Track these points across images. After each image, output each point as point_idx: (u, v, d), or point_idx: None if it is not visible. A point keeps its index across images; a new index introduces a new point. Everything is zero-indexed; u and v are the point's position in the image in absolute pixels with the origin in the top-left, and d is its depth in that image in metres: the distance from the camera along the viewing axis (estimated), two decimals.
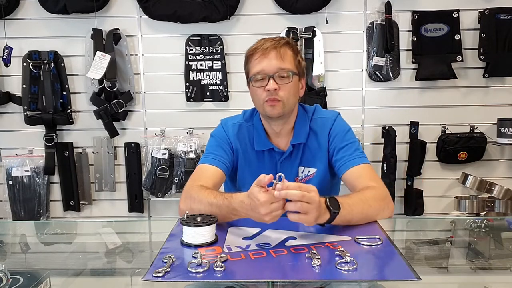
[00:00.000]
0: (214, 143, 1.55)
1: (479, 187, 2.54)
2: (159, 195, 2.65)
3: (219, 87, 2.66)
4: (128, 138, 2.73)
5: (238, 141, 1.55)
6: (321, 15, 2.58)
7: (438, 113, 2.67)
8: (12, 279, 0.99)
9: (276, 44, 1.41)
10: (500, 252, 1.35)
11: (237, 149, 1.55)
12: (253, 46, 1.46)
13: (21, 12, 2.65)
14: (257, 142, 1.53)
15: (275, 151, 1.52)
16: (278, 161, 1.52)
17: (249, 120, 1.57)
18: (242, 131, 1.56)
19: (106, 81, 2.59)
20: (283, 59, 1.41)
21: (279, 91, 1.40)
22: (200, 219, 1.16)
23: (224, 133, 1.56)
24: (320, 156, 1.52)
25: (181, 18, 2.57)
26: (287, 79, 1.41)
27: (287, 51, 1.43)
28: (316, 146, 1.52)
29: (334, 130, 1.52)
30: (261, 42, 1.44)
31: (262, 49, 1.41)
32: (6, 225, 2.08)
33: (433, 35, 2.60)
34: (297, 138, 1.51)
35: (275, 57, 1.40)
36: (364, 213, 1.27)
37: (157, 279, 0.95)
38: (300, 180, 1.52)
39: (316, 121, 1.54)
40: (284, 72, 1.40)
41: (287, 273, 0.99)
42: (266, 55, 1.40)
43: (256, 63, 1.42)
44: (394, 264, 1.03)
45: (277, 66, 1.40)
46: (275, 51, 1.40)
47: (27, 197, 2.67)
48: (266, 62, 1.40)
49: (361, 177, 1.42)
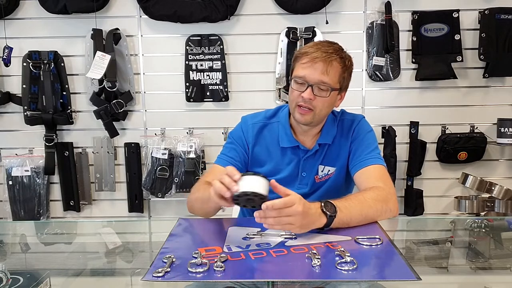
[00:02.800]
0: (230, 144, 1.59)
1: (479, 187, 2.54)
2: (159, 195, 2.65)
3: (219, 87, 2.66)
4: (128, 138, 2.73)
5: (258, 140, 1.56)
6: (321, 15, 2.58)
7: (438, 113, 2.67)
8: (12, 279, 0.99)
9: (326, 57, 1.39)
10: (500, 252, 1.35)
11: (256, 148, 1.56)
12: (305, 48, 1.45)
13: (21, 12, 2.65)
14: (282, 138, 1.54)
15: (300, 148, 1.53)
16: (302, 158, 1.53)
17: (274, 116, 1.59)
18: (264, 130, 1.57)
19: (106, 81, 2.59)
20: (328, 73, 1.40)
21: (314, 101, 1.41)
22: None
23: (242, 133, 1.58)
24: (341, 156, 1.53)
25: (181, 18, 2.57)
26: (325, 93, 1.41)
27: (336, 66, 1.41)
28: (339, 146, 1.54)
29: (357, 129, 1.54)
30: (314, 48, 1.42)
31: (311, 56, 1.39)
32: (6, 225, 2.08)
33: (433, 35, 2.60)
34: (325, 139, 1.52)
35: (320, 69, 1.39)
36: (364, 215, 1.27)
37: (157, 279, 0.95)
38: (320, 178, 1.54)
39: (341, 122, 1.56)
40: (324, 86, 1.40)
41: (287, 273, 0.99)
42: (312, 64, 1.39)
43: (301, 67, 1.42)
44: (394, 264, 1.03)
45: (319, 78, 1.39)
46: (323, 63, 1.39)
47: (27, 197, 2.67)
48: (310, 71, 1.39)
49: (369, 178, 1.43)
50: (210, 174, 1.54)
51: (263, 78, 2.66)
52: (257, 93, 2.67)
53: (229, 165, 1.50)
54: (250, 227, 1.23)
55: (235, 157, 1.55)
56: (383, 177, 1.43)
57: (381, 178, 1.42)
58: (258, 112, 1.63)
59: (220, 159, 1.56)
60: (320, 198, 1.26)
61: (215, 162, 1.58)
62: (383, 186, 1.37)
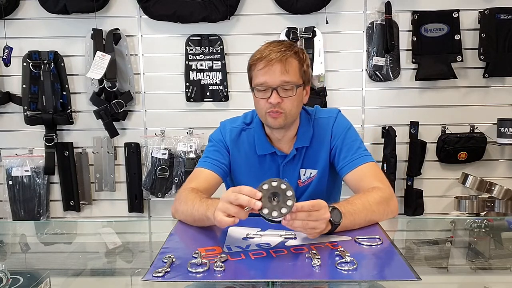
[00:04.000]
0: (212, 147, 1.55)
1: (479, 187, 2.54)
2: (159, 195, 2.65)
3: (219, 87, 2.66)
4: (128, 138, 2.73)
5: (236, 146, 1.53)
6: (321, 15, 2.58)
7: (438, 113, 2.67)
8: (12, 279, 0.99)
9: (281, 56, 1.35)
10: (500, 252, 1.35)
11: (234, 153, 1.53)
12: (257, 55, 1.39)
13: (21, 12, 2.65)
14: (259, 146, 1.51)
15: (277, 154, 1.50)
16: (281, 164, 1.51)
17: (251, 122, 1.56)
18: (242, 135, 1.54)
19: (106, 81, 2.59)
20: (288, 71, 1.36)
21: (282, 104, 1.38)
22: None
23: (221, 137, 1.55)
24: (322, 157, 1.50)
25: (181, 18, 2.57)
26: (291, 92, 1.38)
27: (293, 62, 1.37)
28: (318, 147, 1.50)
29: (335, 128, 1.49)
30: (266, 51, 1.37)
31: (266, 60, 1.35)
32: (6, 225, 2.08)
33: (433, 35, 2.59)
34: (301, 142, 1.49)
35: (279, 69, 1.35)
36: (368, 220, 1.26)
37: (157, 279, 0.95)
38: (303, 182, 1.51)
39: (317, 121, 1.52)
40: (287, 85, 1.37)
41: (287, 273, 0.99)
42: (270, 67, 1.35)
43: (259, 74, 1.38)
44: (394, 264, 1.03)
45: (280, 79, 1.36)
46: (280, 63, 1.35)
47: (27, 197, 2.67)
48: (270, 75, 1.36)
49: (365, 178, 1.40)
50: (194, 179, 1.47)
51: None
52: None
53: (214, 167, 1.48)
54: (250, 227, 1.23)
55: (220, 159, 1.51)
56: (379, 176, 1.41)
57: (377, 177, 1.40)
58: (237, 116, 1.60)
59: (204, 162, 1.51)
60: None
61: (198, 165, 1.52)
62: (383, 186, 1.36)
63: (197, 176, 1.49)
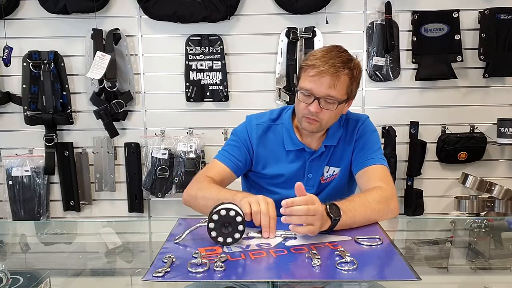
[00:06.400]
0: (233, 141, 1.57)
1: (479, 187, 2.54)
2: (159, 195, 2.65)
3: (219, 87, 2.66)
4: (128, 138, 2.73)
5: (263, 142, 1.55)
6: (321, 15, 2.58)
7: (438, 113, 2.67)
8: (12, 279, 0.99)
9: (334, 71, 1.35)
10: (500, 252, 1.35)
11: (260, 149, 1.55)
12: (311, 60, 1.38)
13: (21, 12, 2.65)
14: (287, 141, 1.53)
15: (305, 150, 1.52)
16: (307, 160, 1.52)
17: (278, 118, 1.57)
18: (269, 131, 1.56)
19: (106, 81, 2.58)
20: (335, 87, 1.36)
21: (320, 113, 1.39)
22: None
23: (246, 133, 1.56)
24: (345, 156, 1.53)
25: (181, 18, 2.57)
26: (332, 106, 1.39)
27: (343, 79, 1.37)
28: (344, 147, 1.53)
29: (361, 129, 1.54)
30: (321, 61, 1.36)
31: (318, 70, 1.35)
32: (6, 225, 2.08)
33: (433, 35, 2.59)
34: (330, 140, 1.52)
35: (327, 83, 1.35)
36: (367, 217, 1.28)
37: (157, 279, 0.95)
38: (325, 179, 1.54)
39: (347, 122, 1.55)
40: (331, 99, 1.38)
41: (287, 273, 0.99)
42: (319, 77, 1.35)
43: (308, 80, 1.38)
44: (394, 264, 1.03)
45: (326, 92, 1.36)
46: (330, 77, 1.35)
47: (27, 197, 2.67)
48: (317, 85, 1.36)
49: (371, 178, 1.43)
50: (212, 169, 1.53)
51: (263, 78, 2.66)
52: (257, 93, 2.67)
53: (230, 163, 1.52)
54: (250, 227, 1.23)
55: (237, 156, 1.54)
56: (385, 178, 1.44)
57: (383, 178, 1.43)
58: (263, 112, 1.62)
59: (222, 156, 1.55)
60: (325, 198, 1.25)
61: (216, 157, 1.56)
62: (385, 186, 1.38)
63: (214, 167, 1.54)
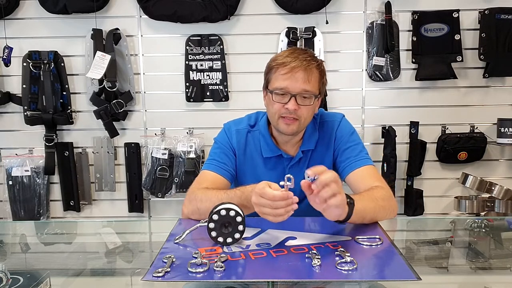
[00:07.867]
0: (218, 149, 1.55)
1: (479, 187, 2.54)
2: (159, 195, 2.65)
3: (219, 87, 2.66)
4: (128, 138, 2.73)
5: (242, 148, 1.54)
6: (321, 15, 2.58)
7: (438, 113, 2.67)
8: (12, 279, 0.99)
9: (306, 65, 1.38)
10: (500, 252, 1.35)
11: (240, 156, 1.54)
12: (281, 59, 1.40)
13: (21, 12, 2.65)
14: (264, 148, 1.52)
15: (283, 157, 1.51)
16: (286, 167, 1.52)
17: (255, 125, 1.56)
18: (248, 137, 1.55)
19: (106, 81, 2.59)
20: (310, 81, 1.38)
21: (298, 111, 1.39)
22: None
23: (227, 139, 1.55)
24: (326, 160, 1.52)
25: (181, 18, 2.57)
26: (308, 101, 1.40)
27: (315, 73, 1.40)
28: (323, 150, 1.53)
29: (339, 132, 1.53)
30: (291, 57, 1.39)
31: (290, 67, 1.37)
32: (6, 225, 2.08)
33: (433, 35, 2.59)
34: (307, 145, 1.51)
35: (302, 78, 1.37)
36: (376, 212, 1.27)
37: (157, 279, 0.95)
38: None
39: (322, 125, 1.55)
40: (307, 94, 1.39)
41: (287, 273, 0.99)
42: (293, 74, 1.37)
43: (281, 78, 1.39)
44: (394, 264, 1.03)
45: (302, 87, 1.38)
46: (304, 72, 1.37)
47: (27, 197, 2.67)
48: (292, 81, 1.37)
49: (365, 178, 1.43)
50: (204, 181, 1.45)
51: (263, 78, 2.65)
52: (257, 93, 2.61)
53: (222, 171, 1.48)
54: (250, 227, 1.23)
55: (227, 163, 1.51)
56: (380, 178, 1.45)
57: (377, 178, 1.44)
58: (240, 118, 1.61)
59: (211, 165, 1.50)
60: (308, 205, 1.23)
61: (204, 168, 1.51)
62: (384, 186, 1.39)
63: (206, 178, 1.47)
